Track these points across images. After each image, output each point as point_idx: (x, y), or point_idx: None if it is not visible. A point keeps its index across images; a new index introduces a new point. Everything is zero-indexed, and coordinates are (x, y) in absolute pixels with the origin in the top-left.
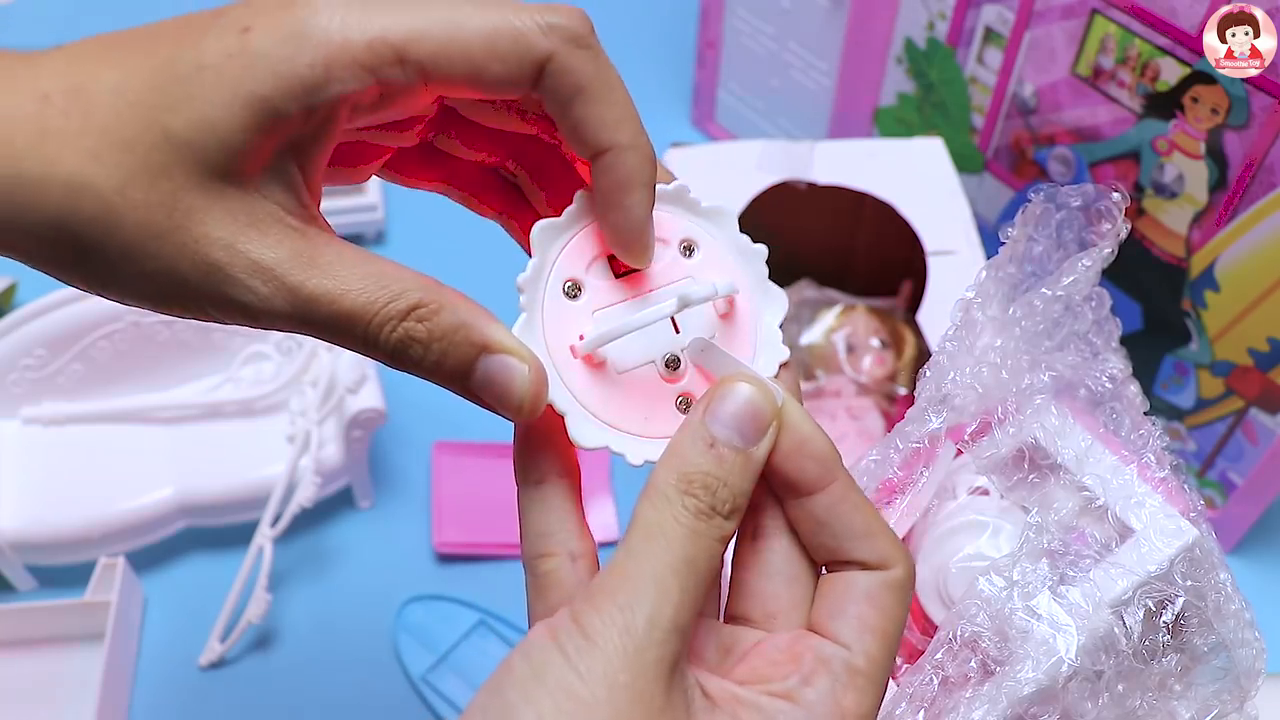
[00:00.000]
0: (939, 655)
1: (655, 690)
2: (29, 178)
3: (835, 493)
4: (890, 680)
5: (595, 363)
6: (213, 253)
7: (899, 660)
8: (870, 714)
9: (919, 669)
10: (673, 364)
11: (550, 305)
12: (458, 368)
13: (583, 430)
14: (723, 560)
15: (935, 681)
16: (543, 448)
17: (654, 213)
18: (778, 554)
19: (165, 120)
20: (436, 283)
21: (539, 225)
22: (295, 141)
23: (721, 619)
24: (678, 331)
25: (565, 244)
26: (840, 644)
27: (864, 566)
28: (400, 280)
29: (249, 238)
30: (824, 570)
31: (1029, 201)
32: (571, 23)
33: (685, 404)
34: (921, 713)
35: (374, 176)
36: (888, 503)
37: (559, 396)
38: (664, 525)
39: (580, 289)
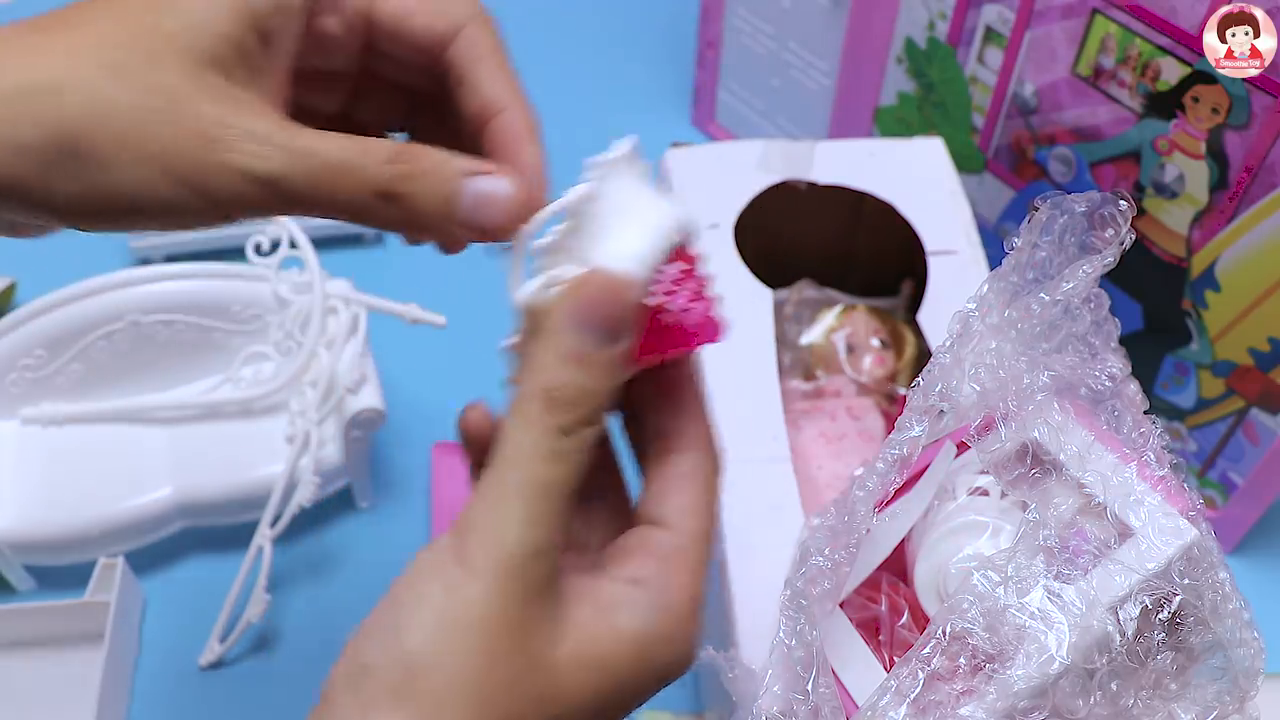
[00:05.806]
0: (926, 650)
1: (528, 610)
2: (6, 91)
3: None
4: (880, 671)
5: None
6: (209, 128)
7: (890, 655)
8: (699, 581)
9: (906, 662)
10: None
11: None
12: (449, 195)
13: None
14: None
15: (921, 675)
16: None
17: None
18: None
19: (157, 20)
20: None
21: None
22: (268, 36)
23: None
24: None
25: None
26: (665, 528)
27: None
28: (377, 140)
29: (240, 114)
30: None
31: (1035, 210)
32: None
33: None
34: (904, 706)
35: None
36: (886, 503)
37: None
38: (531, 448)
39: None
